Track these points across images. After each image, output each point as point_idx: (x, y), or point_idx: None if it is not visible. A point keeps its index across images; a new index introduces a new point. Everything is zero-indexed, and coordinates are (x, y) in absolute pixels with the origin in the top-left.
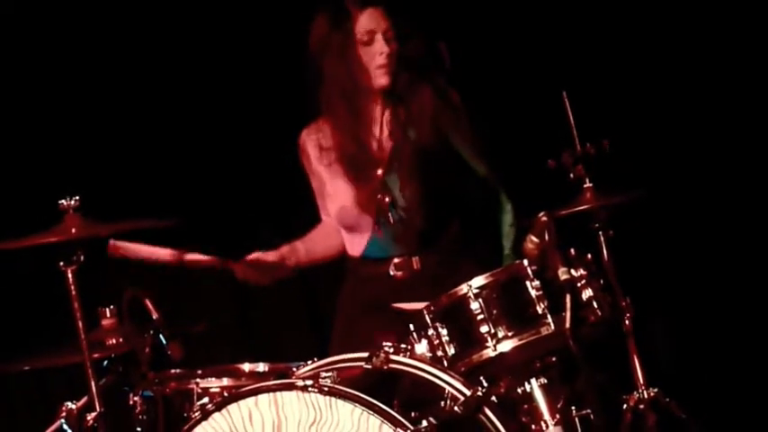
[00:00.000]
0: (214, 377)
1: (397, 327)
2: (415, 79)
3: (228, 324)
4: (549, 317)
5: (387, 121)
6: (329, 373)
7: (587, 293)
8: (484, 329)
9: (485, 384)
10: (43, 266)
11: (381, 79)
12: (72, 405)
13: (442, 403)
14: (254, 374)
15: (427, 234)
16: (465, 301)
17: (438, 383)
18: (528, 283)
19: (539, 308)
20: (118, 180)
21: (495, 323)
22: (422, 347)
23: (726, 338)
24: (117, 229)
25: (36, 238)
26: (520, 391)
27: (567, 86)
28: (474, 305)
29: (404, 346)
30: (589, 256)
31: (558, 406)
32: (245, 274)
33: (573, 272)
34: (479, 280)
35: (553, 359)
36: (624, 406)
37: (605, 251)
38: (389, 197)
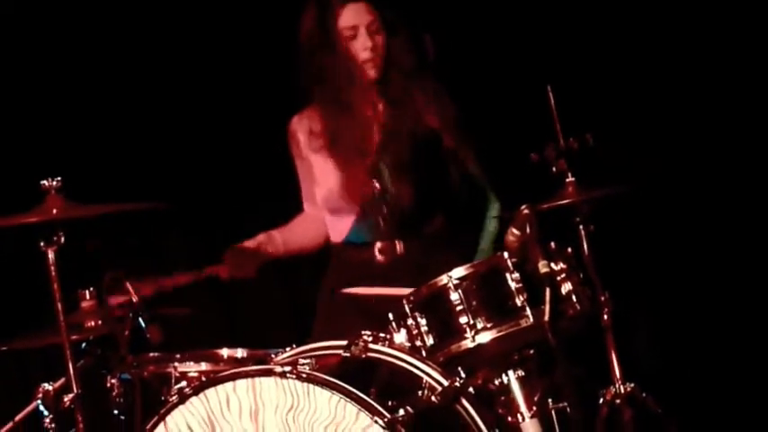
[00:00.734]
0: (192, 361)
1: (378, 315)
2: (406, 71)
3: (210, 309)
4: (528, 309)
5: (378, 111)
6: (308, 360)
7: (567, 287)
8: (463, 320)
9: (462, 375)
10: (24, 247)
11: (369, 72)
12: (49, 386)
13: (419, 393)
14: (233, 360)
15: (412, 222)
16: (445, 291)
17: (416, 373)
18: (508, 275)
19: (518, 300)
20: (102, 162)
21: (475, 314)
22: (401, 337)
23: (704, 335)
24: (99, 211)
25: (17, 217)
26: (497, 382)
27: (552, 80)
28: (454, 296)
29: (383, 335)
30: (569, 249)
31: (535, 398)
32: (229, 273)
33: (553, 265)
34: (460, 271)
35: (531, 352)
36: (601, 400)
37: (585, 245)
38: (379, 183)
